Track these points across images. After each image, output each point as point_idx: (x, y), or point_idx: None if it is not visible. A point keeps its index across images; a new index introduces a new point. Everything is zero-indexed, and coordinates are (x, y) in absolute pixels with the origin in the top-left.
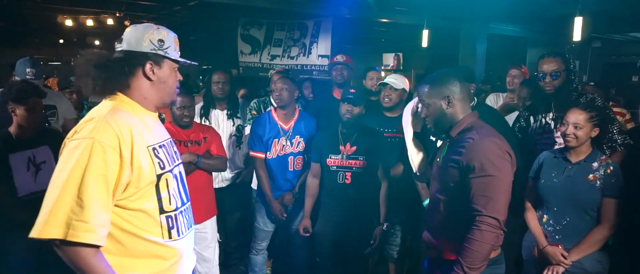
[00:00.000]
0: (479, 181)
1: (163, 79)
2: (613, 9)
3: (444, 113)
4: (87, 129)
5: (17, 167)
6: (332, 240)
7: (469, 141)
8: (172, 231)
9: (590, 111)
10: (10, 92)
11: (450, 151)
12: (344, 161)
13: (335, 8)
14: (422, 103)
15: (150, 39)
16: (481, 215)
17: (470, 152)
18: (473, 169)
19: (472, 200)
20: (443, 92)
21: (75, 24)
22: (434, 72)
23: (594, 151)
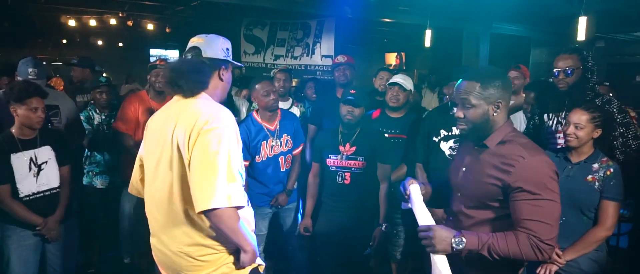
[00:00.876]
0: (533, 205)
1: (228, 80)
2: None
3: (488, 119)
4: (218, 120)
5: (18, 168)
6: (333, 240)
7: (518, 159)
8: (249, 201)
9: (593, 112)
10: (12, 93)
11: (487, 164)
12: (343, 162)
13: (338, 8)
14: (462, 101)
15: (221, 47)
16: (538, 240)
17: (521, 173)
18: (524, 191)
19: (524, 224)
20: (495, 96)
21: (78, 24)
22: (483, 69)
23: (595, 152)
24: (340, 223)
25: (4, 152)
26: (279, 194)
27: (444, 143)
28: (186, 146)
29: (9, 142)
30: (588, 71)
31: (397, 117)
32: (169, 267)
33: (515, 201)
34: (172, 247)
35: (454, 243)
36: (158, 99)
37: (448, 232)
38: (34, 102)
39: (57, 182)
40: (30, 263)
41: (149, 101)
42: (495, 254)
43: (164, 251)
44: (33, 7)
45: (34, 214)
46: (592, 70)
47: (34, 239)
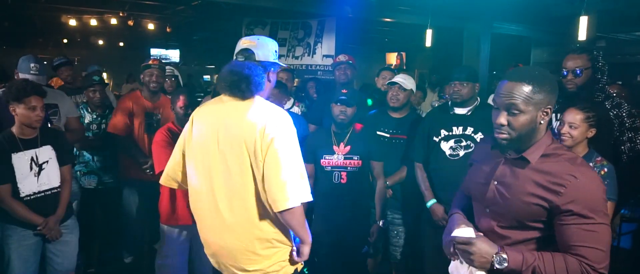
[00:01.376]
0: (586, 229)
1: (273, 82)
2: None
3: (534, 128)
4: (282, 123)
5: (19, 167)
6: (330, 240)
7: (569, 179)
8: None
9: (587, 112)
10: (10, 92)
11: (528, 181)
12: (339, 161)
13: (338, 8)
14: (507, 106)
15: (272, 50)
16: (590, 267)
17: (573, 194)
18: (576, 215)
19: (575, 250)
20: (547, 102)
21: (79, 24)
22: (533, 70)
23: (590, 152)
24: (337, 222)
25: (5, 151)
26: None
27: (444, 143)
28: (260, 150)
29: (10, 141)
30: (598, 71)
31: (398, 117)
32: (225, 263)
33: (565, 224)
34: (239, 244)
35: (496, 262)
36: (153, 98)
37: (490, 247)
38: (33, 100)
39: (58, 181)
40: (31, 262)
41: (143, 100)
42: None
43: (228, 246)
44: (34, 6)
45: (34, 214)
46: (602, 70)
47: (34, 239)
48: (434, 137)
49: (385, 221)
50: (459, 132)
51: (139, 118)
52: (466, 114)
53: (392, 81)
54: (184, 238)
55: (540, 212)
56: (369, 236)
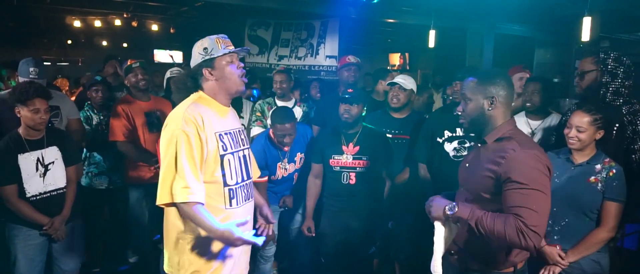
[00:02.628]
0: (521, 193)
1: (221, 75)
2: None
3: (483, 114)
4: (176, 123)
5: (26, 168)
6: (338, 240)
7: (509, 152)
8: (232, 200)
9: (594, 114)
10: (15, 94)
11: (484, 159)
12: (348, 162)
13: (341, 8)
14: (462, 97)
15: (198, 52)
16: (523, 224)
17: (510, 164)
18: (513, 182)
19: (512, 210)
20: (489, 91)
21: (83, 25)
22: (484, 69)
23: (598, 153)
24: (344, 223)
25: (11, 152)
26: (286, 197)
27: (448, 144)
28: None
29: (16, 142)
30: (606, 74)
31: (400, 117)
32: None
33: (505, 191)
34: None
35: (448, 209)
36: (144, 97)
37: (444, 201)
38: (37, 103)
39: (64, 182)
40: (37, 262)
41: (135, 101)
42: (482, 229)
43: None
44: (38, 7)
45: (40, 214)
46: (613, 73)
47: (40, 239)
48: (438, 138)
49: (393, 222)
50: (462, 134)
51: (140, 119)
52: None
53: (392, 81)
54: None
55: (491, 183)
56: (377, 238)
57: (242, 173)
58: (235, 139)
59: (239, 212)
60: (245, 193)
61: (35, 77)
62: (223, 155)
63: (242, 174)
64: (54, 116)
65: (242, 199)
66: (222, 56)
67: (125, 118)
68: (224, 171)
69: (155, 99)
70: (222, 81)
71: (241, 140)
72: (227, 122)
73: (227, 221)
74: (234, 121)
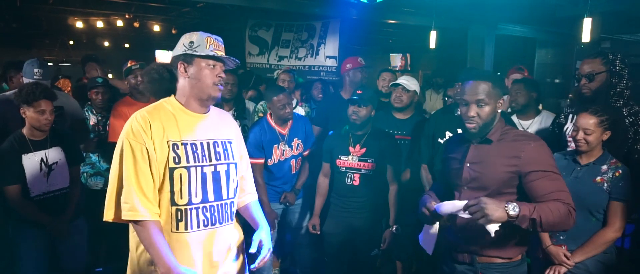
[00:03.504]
0: (551, 179)
1: (195, 76)
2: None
3: (495, 116)
4: (124, 130)
5: (30, 168)
6: (340, 240)
7: (525, 146)
8: (180, 223)
9: (601, 115)
10: (21, 95)
11: (497, 156)
12: (353, 163)
13: (342, 9)
14: (477, 101)
15: (183, 42)
16: (570, 206)
17: (530, 156)
18: (538, 172)
19: (552, 195)
20: (500, 94)
21: (85, 26)
22: (487, 71)
23: (604, 154)
24: (348, 223)
25: (16, 152)
26: (287, 193)
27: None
28: None
29: (21, 142)
30: (615, 76)
31: (403, 118)
32: None
33: (534, 181)
34: None
35: (510, 209)
36: (143, 98)
37: (498, 201)
38: (43, 104)
39: (67, 182)
40: (41, 261)
41: (135, 102)
42: (545, 221)
43: None
44: (41, 8)
45: (44, 214)
46: (620, 74)
47: (44, 239)
48: (439, 138)
49: (398, 226)
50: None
51: None
52: None
53: (396, 82)
54: None
55: (511, 178)
56: (381, 242)
57: (203, 192)
58: (205, 151)
59: (191, 238)
60: (207, 217)
61: (40, 78)
62: (173, 168)
63: (206, 193)
64: (58, 117)
65: (197, 223)
66: (203, 58)
67: (125, 119)
68: (173, 187)
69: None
70: (195, 82)
71: (216, 153)
72: (196, 131)
73: (175, 246)
74: (213, 131)
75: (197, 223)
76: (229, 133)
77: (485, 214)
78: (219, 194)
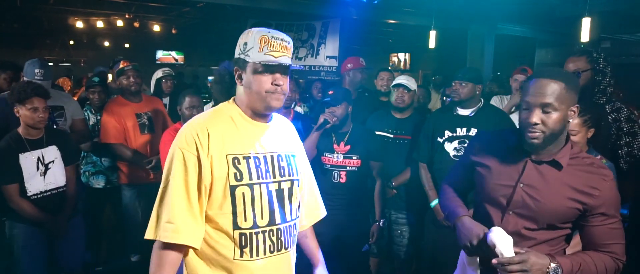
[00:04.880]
0: (614, 228)
1: (248, 84)
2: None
3: (564, 127)
4: (177, 137)
5: (26, 167)
6: (330, 238)
7: (602, 182)
8: (245, 249)
9: (583, 115)
10: (13, 94)
11: (564, 185)
12: (338, 161)
13: (343, 9)
14: (542, 106)
15: (239, 44)
16: (620, 261)
17: (605, 197)
18: (606, 216)
19: (607, 247)
20: (574, 101)
21: (85, 26)
22: (551, 68)
23: (589, 150)
24: (336, 220)
25: (13, 152)
26: None
27: (448, 144)
28: None
29: (17, 142)
30: (598, 73)
31: (403, 118)
32: None
33: (596, 226)
34: None
35: (552, 271)
36: (135, 99)
37: (543, 260)
38: (35, 102)
39: (64, 181)
40: (39, 260)
41: (126, 103)
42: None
43: None
44: (42, 8)
45: (41, 213)
46: (604, 71)
47: (42, 237)
48: (438, 138)
49: (384, 220)
50: (462, 133)
51: (131, 121)
52: (470, 115)
53: (397, 82)
54: None
55: (574, 214)
56: (370, 236)
57: (269, 213)
58: (268, 166)
59: (257, 266)
60: (273, 241)
61: (41, 78)
62: (235, 186)
63: (273, 215)
64: (59, 116)
65: (264, 249)
66: (255, 63)
67: (116, 120)
68: (235, 208)
69: (147, 99)
70: (247, 91)
71: (281, 168)
72: (258, 143)
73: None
74: (276, 143)
75: (263, 249)
76: (292, 145)
77: (525, 271)
78: (284, 216)
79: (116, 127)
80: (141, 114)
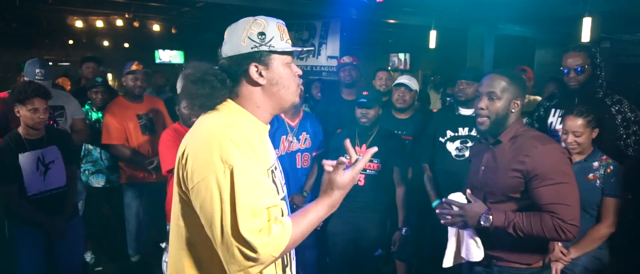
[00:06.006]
0: (553, 189)
1: (275, 80)
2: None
3: (507, 115)
4: (217, 156)
5: (26, 167)
6: (344, 241)
7: (531, 149)
8: (286, 269)
9: (587, 116)
10: (13, 94)
11: (505, 159)
12: None
13: (343, 9)
14: (488, 95)
15: (247, 35)
16: (560, 221)
17: (535, 161)
18: (541, 178)
19: (546, 207)
20: (518, 94)
21: (85, 25)
22: (507, 69)
23: (594, 150)
24: (352, 223)
25: (12, 152)
26: (294, 195)
27: (450, 144)
28: (181, 179)
29: (17, 142)
30: (597, 68)
31: (404, 118)
32: None
33: (535, 188)
34: None
35: (482, 220)
36: (137, 100)
37: (480, 210)
38: (36, 102)
39: (64, 181)
40: (38, 260)
41: (128, 104)
42: (520, 232)
43: None
44: (41, 8)
45: (41, 213)
46: (601, 66)
47: (41, 238)
48: (440, 137)
49: (407, 228)
50: (464, 133)
51: (132, 122)
52: (472, 115)
53: (398, 82)
54: None
55: (518, 183)
56: (392, 244)
57: None
58: (281, 176)
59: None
60: (292, 257)
61: (41, 78)
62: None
63: None
64: (59, 116)
65: (291, 267)
66: (282, 54)
67: (117, 121)
68: None
69: (148, 99)
70: (275, 88)
71: (281, 173)
72: (271, 151)
73: None
74: (271, 146)
75: (291, 266)
76: None
77: (463, 221)
78: None
79: (118, 128)
80: (142, 115)
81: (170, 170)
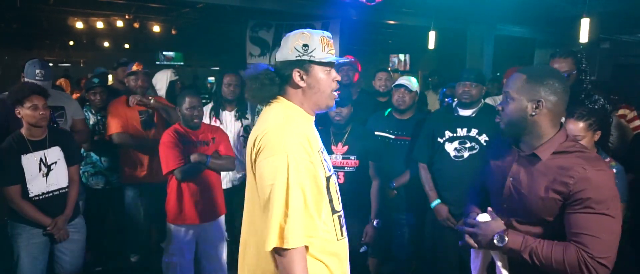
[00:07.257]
0: (591, 218)
1: (312, 85)
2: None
3: (524, 118)
4: (275, 143)
5: (29, 168)
6: None
7: (578, 170)
8: (343, 229)
9: (587, 119)
10: (11, 96)
11: (544, 178)
12: (337, 161)
13: (343, 10)
14: (505, 94)
15: (294, 46)
16: (588, 255)
17: (580, 184)
18: (580, 203)
19: (576, 237)
20: (536, 93)
21: (85, 26)
22: (537, 66)
23: (598, 153)
24: None
25: (15, 153)
26: None
27: (448, 144)
28: (251, 165)
29: (19, 143)
30: (581, 73)
31: (403, 119)
32: None
33: (571, 213)
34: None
35: (496, 240)
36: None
37: (495, 226)
38: (34, 100)
39: (66, 182)
40: (39, 261)
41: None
42: (536, 259)
43: None
44: (41, 9)
45: (43, 214)
46: (586, 71)
47: (43, 238)
48: (439, 138)
49: (379, 221)
50: (463, 134)
51: (134, 118)
52: (471, 116)
53: (398, 83)
54: (191, 237)
55: (555, 206)
56: (363, 235)
57: (339, 197)
58: (327, 155)
59: (346, 244)
60: (345, 221)
61: (42, 79)
62: (329, 177)
63: (340, 198)
64: (59, 116)
65: (345, 228)
66: (321, 65)
67: (120, 116)
68: (331, 196)
69: None
70: (313, 92)
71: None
72: (318, 137)
73: (342, 255)
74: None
75: (345, 227)
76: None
77: (478, 241)
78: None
79: (120, 123)
80: (144, 111)
81: (170, 171)
